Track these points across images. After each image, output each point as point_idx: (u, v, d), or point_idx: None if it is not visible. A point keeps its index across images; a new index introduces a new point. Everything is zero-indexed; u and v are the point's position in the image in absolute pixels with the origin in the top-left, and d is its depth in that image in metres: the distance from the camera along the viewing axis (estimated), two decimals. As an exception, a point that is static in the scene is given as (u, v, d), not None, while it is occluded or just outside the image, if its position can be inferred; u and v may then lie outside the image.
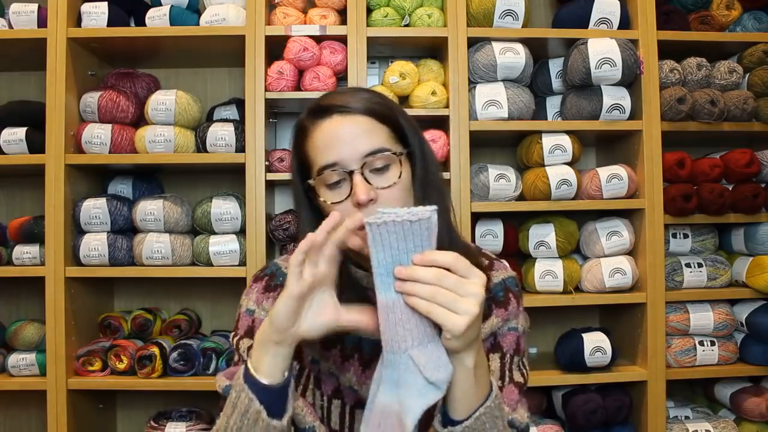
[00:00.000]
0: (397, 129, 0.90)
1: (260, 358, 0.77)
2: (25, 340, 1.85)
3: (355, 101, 0.87)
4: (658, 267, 1.88)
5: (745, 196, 1.90)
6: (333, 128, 0.86)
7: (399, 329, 0.73)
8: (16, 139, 1.83)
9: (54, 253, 1.79)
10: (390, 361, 0.74)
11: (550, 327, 2.13)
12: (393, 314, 0.72)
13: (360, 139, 0.85)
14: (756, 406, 1.90)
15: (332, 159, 0.85)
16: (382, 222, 0.71)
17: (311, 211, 0.92)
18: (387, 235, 0.71)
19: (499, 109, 1.85)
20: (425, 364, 0.72)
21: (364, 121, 0.86)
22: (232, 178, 1.98)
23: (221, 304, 2.13)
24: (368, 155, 0.84)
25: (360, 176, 0.84)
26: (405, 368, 0.73)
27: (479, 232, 1.93)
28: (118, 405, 2.12)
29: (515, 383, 0.91)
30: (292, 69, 1.84)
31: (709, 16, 1.98)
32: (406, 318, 0.72)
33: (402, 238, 0.71)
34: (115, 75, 1.96)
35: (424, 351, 0.73)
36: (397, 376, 0.74)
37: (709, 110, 1.87)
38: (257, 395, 0.76)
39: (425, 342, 0.73)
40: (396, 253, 0.72)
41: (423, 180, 0.90)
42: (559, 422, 1.92)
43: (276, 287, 0.98)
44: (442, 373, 0.73)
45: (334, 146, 0.85)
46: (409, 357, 0.73)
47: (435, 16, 1.88)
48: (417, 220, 0.70)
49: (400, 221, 0.70)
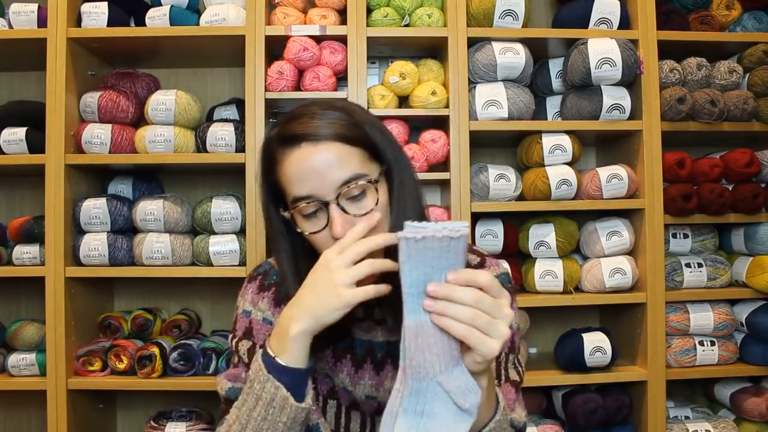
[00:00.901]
0: (369, 147, 0.86)
1: (291, 347, 0.78)
2: (25, 340, 1.85)
3: (324, 127, 0.83)
4: (658, 267, 1.88)
5: (745, 196, 1.90)
6: (303, 159, 0.82)
7: (427, 354, 0.67)
8: (16, 139, 1.83)
9: (54, 253, 1.79)
10: (416, 390, 0.69)
11: (550, 327, 2.13)
12: (422, 338, 0.67)
13: (333, 169, 0.81)
14: (756, 406, 1.90)
15: (305, 191, 0.82)
16: (421, 237, 0.65)
17: (286, 231, 0.90)
18: (425, 251, 0.65)
19: (499, 109, 1.85)
20: (456, 391, 0.68)
21: (335, 147, 0.82)
22: (232, 178, 1.98)
23: (221, 304, 2.13)
24: (342, 185, 0.82)
25: (336, 208, 0.82)
26: (433, 396, 0.68)
27: (479, 232, 1.93)
28: (118, 405, 2.12)
29: (511, 382, 0.91)
30: (292, 69, 1.84)
31: (709, 16, 1.98)
32: (433, 342, 0.67)
33: (438, 256, 0.66)
34: (115, 75, 1.96)
35: (451, 377, 0.69)
36: (423, 406, 0.69)
37: (709, 110, 1.87)
38: (285, 382, 0.78)
39: (451, 367, 0.69)
40: (430, 271, 0.66)
41: (400, 189, 0.87)
42: (559, 422, 1.92)
43: (270, 286, 0.98)
44: (473, 398, 0.69)
45: (307, 178, 0.82)
46: (438, 384, 0.68)
47: (435, 16, 1.88)
48: (458, 237, 0.65)
49: (440, 237, 0.64)
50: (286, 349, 0.78)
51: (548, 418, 1.96)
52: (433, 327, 0.67)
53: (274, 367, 0.78)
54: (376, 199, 0.84)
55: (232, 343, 0.98)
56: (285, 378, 0.78)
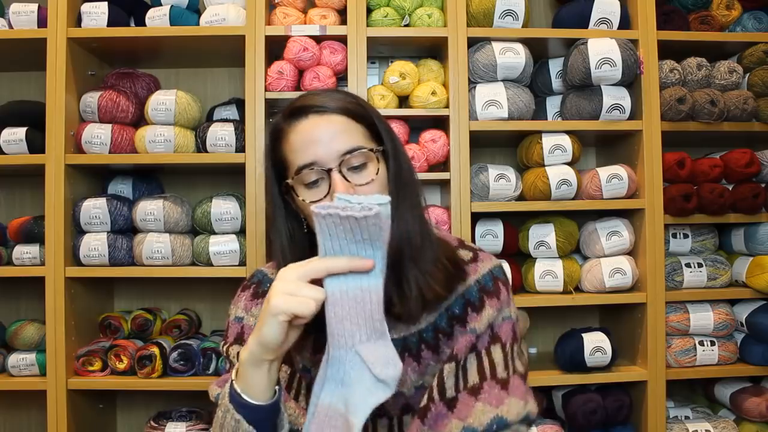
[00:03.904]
0: (371, 128, 0.91)
1: (251, 377, 0.76)
2: (25, 340, 1.85)
3: (331, 101, 0.88)
4: (658, 267, 1.88)
5: (745, 196, 1.90)
6: (310, 128, 0.87)
7: (346, 324, 0.70)
8: (16, 139, 1.83)
9: (54, 253, 1.79)
10: (335, 358, 0.71)
11: (550, 327, 2.13)
12: (340, 307, 0.70)
13: (337, 138, 0.86)
14: (756, 406, 1.90)
15: (310, 158, 0.85)
16: (326, 214, 0.67)
17: (286, 216, 0.92)
18: (334, 227, 0.68)
19: (499, 109, 1.85)
20: (374, 361, 0.70)
21: (341, 120, 0.87)
22: (232, 178, 1.98)
23: (221, 304, 2.13)
24: (345, 153, 0.85)
25: (338, 174, 0.85)
26: (351, 365, 0.70)
27: (479, 232, 1.93)
28: (118, 405, 2.12)
29: (519, 374, 0.90)
30: (292, 69, 1.84)
31: (709, 16, 1.98)
32: (354, 312, 0.69)
33: (348, 230, 0.68)
34: (115, 75, 1.95)
35: (372, 347, 0.70)
36: (342, 374, 0.70)
37: (709, 110, 1.87)
38: (246, 415, 0.76)
39: (374, 339, 0.70)
40: (344, 244, 0.69)
41: (396, 177, 0.90)
42: (559, 422, 1.92)
43: (264, 293, 0.98)
44: (392, 371, 0.70)
45: (312, 146, 0.85)
46: (357, 353, 0.70)
47: (435, 16, 1.88)
48: (363, 217, 0.67)
49: (343, 216, 0.67)
50: (250, 381, 0.76)
51: (548, 418, 1.96)
52: (351, 297, 0.69)
53: (235, 398, 0.77)
54: (377, 169, 0.87)
55: (223, 349, 0.98)
56: (247, 412, 0.76)
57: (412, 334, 0.93)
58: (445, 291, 0.90)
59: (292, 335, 0.75)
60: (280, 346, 0.73)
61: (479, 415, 0.83)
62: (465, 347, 0.89)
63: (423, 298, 0.88)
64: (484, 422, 0.82)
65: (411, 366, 0.93)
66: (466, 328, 0.90)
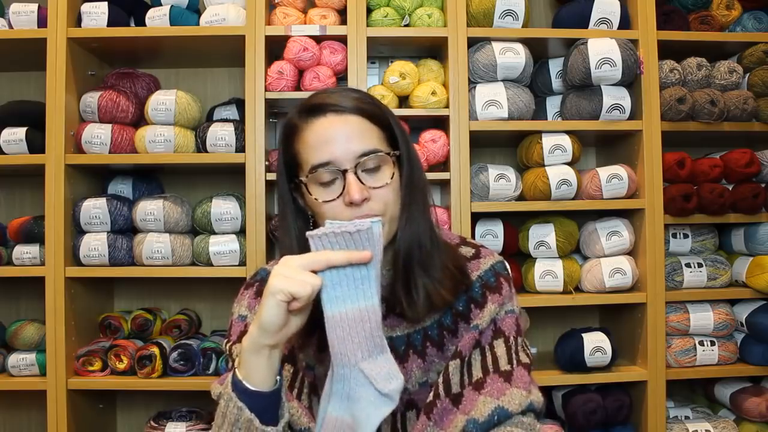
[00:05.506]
0: (387, 130, 0.91)
1: (252, 365, 0.76)
2: (25, 340, 1.85)
3: (348, 101, 0.88)
4: (658, 267, 1.88)
5: (745, 196, 1.90)
6: (327, 127, 0.87)
7: (348, 344, 0.74)
8: (16, 139, 1.83)
9: (54, 253, 1.79)
10: (340, 375, 0.75)
11: (550, 327, 2.13)
12: (341, 329, 0.73)
13: (354, 139, 0.86)
14: (756, 406, 1.90)
15: (326, 158, 0.85)
16: (322, 234, 0.72)
17: (295, 211, 0.93)
18: (330, 246, 0.73)
19: (499, 109, 1.85)
20: (377, 377, 0.74)
21: (358, 121, 0.87)
22: (232, 178, 1.98)
23: (221, 304, 2.13)
24: (362, 155, 0.85)
25: (353, 176, 0.85)
26: (356, 382, 0.74)
27: (479, 232, 1.93)
28: (118, 405, 2.12)
29: (523, 365, 0.91)
30: (292, 69, 1.84)
31: (709, 16, 1.97)
32: (354, 332, 0.73)
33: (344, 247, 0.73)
34: (115, 75, 1.95)
35: (374, 363, 0.74)
36: (348, 390, 0.74)
37: (709, 110, 1.87)
38: (248, 403, 0.76)
39: (375, 354, 0.74)
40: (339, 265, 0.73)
41: (409, 181, 0.91)
42: (559, 422, 1.92)
43: None
44: (394, 384, 0.74)
45: (328, 145, 0.85)
46: (360, 370, 0.74)
47: (435, 16, 1.88)
48: (356, 231, 0.72)
49: (339, 232, 0.72)
50: (251, 369, 0.76)
51: (548, 418, 1.96)
52: (351, 318, 0.73)
53: (237, 386, 0.77)
54: (392, 173, 0.87)
55: (226, 347, 0.98)
56: (247, 399, 0.76)
57: (417, 331, 0.94)
58: (452, 297, 0.91)
59: (293, 323, 0.76)
60: (279, 329, 0.74)
61: (480, 407, 0.83)
62: (469, 344, 0.90)
63: (431, 304, 0.89)
64: (485, 413, 0.83)
65: (416, 363, 0.93)
66: (470, 325, 0.92)
